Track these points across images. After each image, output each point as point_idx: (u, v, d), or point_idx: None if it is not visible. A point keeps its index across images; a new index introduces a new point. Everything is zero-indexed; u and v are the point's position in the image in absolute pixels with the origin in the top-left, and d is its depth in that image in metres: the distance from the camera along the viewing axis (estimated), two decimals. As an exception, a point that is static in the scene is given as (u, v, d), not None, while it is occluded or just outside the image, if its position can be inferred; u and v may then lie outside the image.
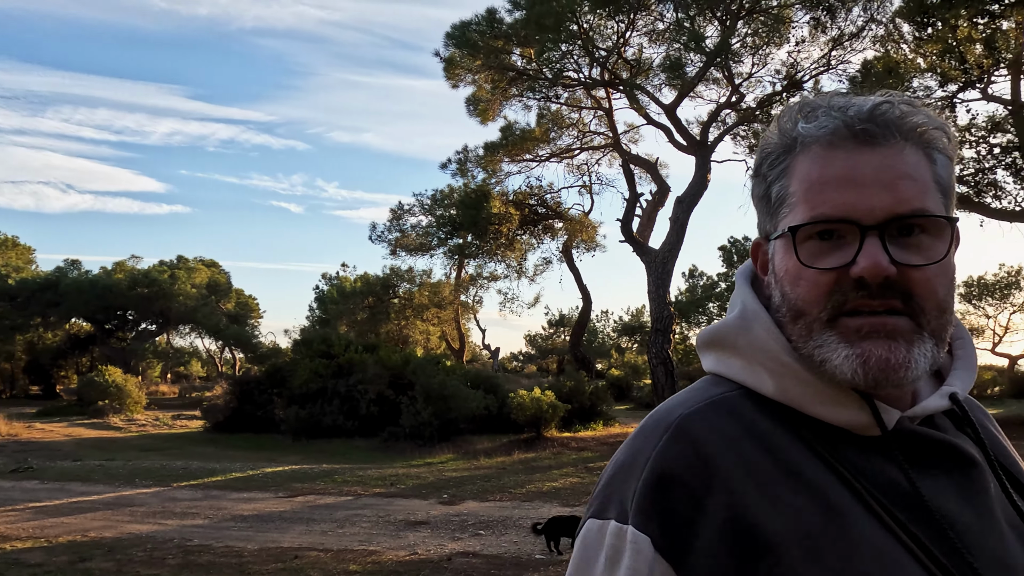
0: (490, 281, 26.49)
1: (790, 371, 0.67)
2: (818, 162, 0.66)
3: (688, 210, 15.92)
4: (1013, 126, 18.13)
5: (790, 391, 0.67)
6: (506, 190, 21.19)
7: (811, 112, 0.68)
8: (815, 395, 0.67)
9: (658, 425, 0.69)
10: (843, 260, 0.64)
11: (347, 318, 29.49)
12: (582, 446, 14.71)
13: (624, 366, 35.79)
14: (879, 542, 0.60)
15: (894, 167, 0.64)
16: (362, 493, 9.86)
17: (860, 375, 0.63)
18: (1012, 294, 28.36)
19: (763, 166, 0.72)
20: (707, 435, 0.65)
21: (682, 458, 0.65)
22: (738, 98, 16.51)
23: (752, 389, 0.70)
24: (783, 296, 0.69)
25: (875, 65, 15.64)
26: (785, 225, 0.67)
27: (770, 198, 0.71)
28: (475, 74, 17.78)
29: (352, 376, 17.31)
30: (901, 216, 0.63)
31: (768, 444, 0.65)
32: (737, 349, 0.72)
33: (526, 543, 6.81)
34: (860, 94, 0.70)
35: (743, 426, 0.66)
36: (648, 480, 0.65)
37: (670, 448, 0.65)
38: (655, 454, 0.66)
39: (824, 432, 0.66)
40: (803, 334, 0.67)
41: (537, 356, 48.97)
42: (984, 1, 17.00)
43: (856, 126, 0.65)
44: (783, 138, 0.70)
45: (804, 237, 0.66)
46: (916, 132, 0.66)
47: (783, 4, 15.21)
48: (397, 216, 24.25)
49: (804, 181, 0.66)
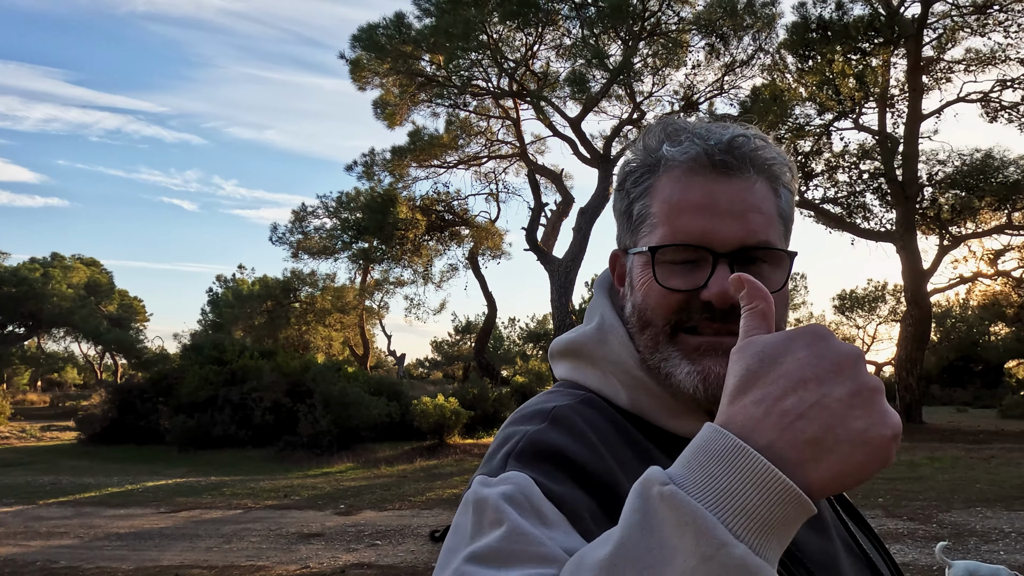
0: (396, 286, 26.15)
1: (642, 384, 0.71)
2: (679, 186, 0.70)
3: (591, 221, 16.41)
4: (880, 155, 19.95)
5: (641, 403, 0.71)
6: (413, 195, 21.05)
7: (675, 135, 0.71)
8: (663, 408, 0.71)
9: (534, 415, 0.69)
10: (695, 283, 0.68)
11: (243, 323, 28.18)
12: (484, 452, 14.77)
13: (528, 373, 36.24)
14: None
15: (746, 199, 0.69)
16: (253, 506, 9.45)
17: (701, 391, 0.67)
18: (878, 307, 31.10)
19: (626, 182, 0.75)
20: (583, 425, 0.67)
21: (562, 438, 0.64)
22: (639, 115, 17.23)
23: (606, 398, 0.72)
24: (634, 306, 0.73)
25: (763, 92, 16.76)
26: (646, 244, 0.71)
27: (631, 214, 0.74)
28: (383, 78, 17.58)
29: (246, 383, 16.56)
30: (749, 247, 0.68)
31: (636, 445, 0.68)
32: (593, 360, 0.74)
33: (424, 552, 6.77)
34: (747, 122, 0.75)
35: (612, 424, 0.69)
36: (523, 449, 0.63)
37: (549, 431, 0.65)
38: (532, 431, 0.65)
39: (673, 442, 0.69)
40: (649, 345, 0.71)
41: (443, 362, 48.72)
42: (856, 40, 18.63)
43: (716, 156, 0.69)
44: (648, 157, 0.73)
45: (661, 257, 0.70)
46: (766, 166, 0.71)
47: (681, 29, 16.04)
48: (300, 218, 23.50)
49: (665, 203, 0.70)
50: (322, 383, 15.95)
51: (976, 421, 20.48)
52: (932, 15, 19.10)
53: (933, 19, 19.21)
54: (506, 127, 19.75)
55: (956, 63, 19.95)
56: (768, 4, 15.61)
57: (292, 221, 23.48)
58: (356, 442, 15.72)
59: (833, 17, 18.53)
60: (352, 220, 21.48)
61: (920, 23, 18.81)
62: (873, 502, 8.44)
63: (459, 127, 19.49)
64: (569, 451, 0.62)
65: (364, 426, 15.81)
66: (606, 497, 0.61)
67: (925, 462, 11.92)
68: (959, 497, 8.85)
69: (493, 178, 21.52)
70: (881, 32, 18.44)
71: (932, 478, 10.33)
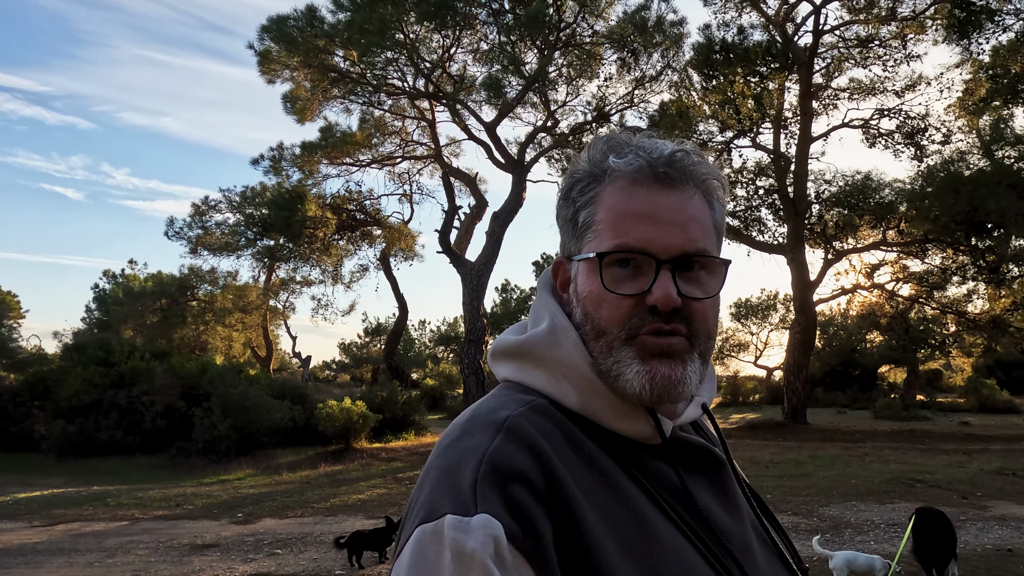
0: (303, 286, 25.33)
1: (593, 387, 0.74)
2: (623, 196, 0.74)
3: (504, 225, 16.54)
4: (774, 172, 21.27)
5: (592, 405, 0.74)
6: (323, 193, 20.49)
7: (620, 148, 0.76)
8: (612, 409, 0.74)
9: (487, 425, 0.69)
10: (640, 288, 0.72)
11: (134, 321, 26.40)
12: (392, 456, 14.55)
13: (439, 376, 36.09)
14: (670, 539, 0.69)
15: (686, 210, 0.74)
16: (141, 517, 8.87)
17: (647, 390, 0.71)
18: (770, 314, 33.16)
19: (573, 191, 0.78)
20: (537, 436, 0.68)
21: (520, 455, 0.65)
22: (553, 123, 17.55)
23: (554, 400, 0.74)
24: (586, 316, 0.75)
25: (670, 107, 17.50)
26: (591, 250, 0.75)
27: (577, 222, 0.77)
28: (293, 71, 17.01)
29: (136, 386, 15.52)
30: (689, 254, 0.73)
31: (582, 450, 0.70)
32: (543, 362, 0.76)
33: (327, 559, 6.59)
34: (660, 137, 0.79)
35: (561, 431, 0.71)
36: (487, 473, 0.63)
37: (506, 446, 0.66)
38: (491, 450, 0.65)
39: (618, 441, 0.74)
40: (604, 351, 0.74)
41: (351, 365, 47.59)
42: (755, 64, 19.80)
43: (658, 168, 0.74)
44: (593, 168, 0.77)
45: (608, 263, 0.73)
46: (703, 180, 0.76)
47: (595, 42, 16.48)
48: (200, 211, 22.34)
49: (610, 211, 0.74)
50: (220, 386, 15.19)
51: (854, 422, 22.20)
52: (822, 45, 20.62)
53: (823, 49, 20.74)
54: (421, 128, 19.60)
55: (842, 91, 21.62)
56: (676, 24, 16.34)
57: (192, 215, 22.31)
58: (256, 448, 15.08)
59: (735, 41, 19.64)
60: (257, 216, 20.62)
61: (812, 52, 20.27)
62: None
63: (373, 126, 19.15)
64: (530, 474, 0.64)
65: (265, 431, 15.20)
66: (561, 519, 0.64)
67: (808, 460, 12.80)
68: (837, 492, 9.57)
69: (407, 179, 21.30)
70: (777, 58, 19.71)
71: (814, 475, 11.10)
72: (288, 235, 19.45)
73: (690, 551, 0.69)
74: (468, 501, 0.61)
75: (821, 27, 20.26)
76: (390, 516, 6.54)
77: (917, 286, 23.16)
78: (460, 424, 0.73)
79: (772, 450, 14.20)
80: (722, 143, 21.37)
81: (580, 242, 0.77)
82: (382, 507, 9.06)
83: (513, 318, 31.20)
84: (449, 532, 0.60)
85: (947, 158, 19.58)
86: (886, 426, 20.70)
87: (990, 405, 27.00)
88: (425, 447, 16.00)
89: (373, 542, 6.41)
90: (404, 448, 15.81)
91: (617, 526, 0.66)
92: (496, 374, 0.82)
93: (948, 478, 10.57)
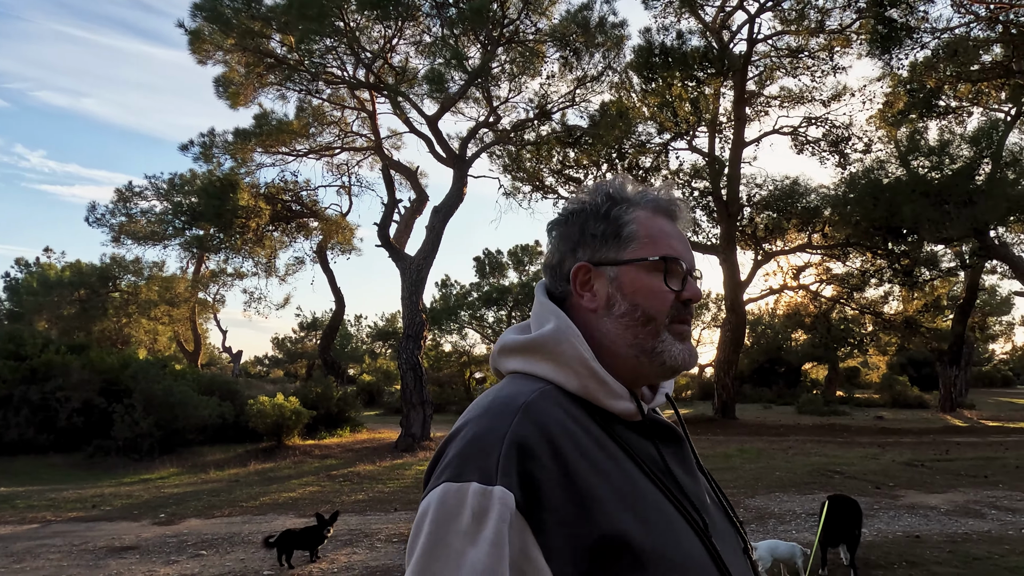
0: (234, 278, 24.45)
1: (592, 374, 0.92)
2: (654, 220, 1.00)
3: (444, 220, 16.41)
4: (708, 175, 21.89)
5: (589, 388, 0.92)
6: (257, 182, 19.78)
7: (637, 188, 1.03)
8: (606, 392, 0.92)
9: (506, 408, 0.87)
10: (677, 287, 0.98)
11: (49, 313, 24.92)
12: (326, 453, 14.25)
13: (376, 371, 35.55)
14: (651, 493, 0.87)
15: (685, 237, 1.04)
16: (53, 519, 8.37)
17: (687, 362, 0.97)
18: (702, 313, 34.14)
19: (612, 211, 1.00)
20: (546, 417, 0.86)
21: (533, 434, 0.83)
22: (495, 119, 17.51)
23: (558, 385, 0.92)
24: (635, 306, 0.96)
25: (610, 108, 17.74)
26: (640, 255, 0.97)
27: (620, 235, 0.99)
28: (227, 54, 16.35)
29: (50, 381, 14.63)
30: (694, 267, 1.03)
31: (582, 425, 0.88)
32: (551, 355, 0.93)
33: (255, 560, 6.39)
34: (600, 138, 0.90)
35: (564, 411, 0.89)
36: (508, 451, 0.81)
37: (523, 426, 0.83)
38: (511, 430, 0.83)
39: (609, 418, 0.93)
40: (652, 334, 0.96)
41: (285, 360, 46.34)
42: (692, 68, 20.32)
43: (668, 206, 1.03)
44: (629, 196, 1.02)
45: (655, 267, 0.97)
46: (685, 218, 1.06)
47: (538, 39, 16.53)
48: (124, 198, 21.23)
49: (649, 230, 0.99)
50: (143, 381, 14.50)
51: (779, 417, 23.16)
52: (756, 54, 21.35)
53: (756, 57, 21.48)
54: (361, 119, 19.18)
55: (773, 98, 22.46)
56: (618, 26, 16.55)
57: (115, 201, 21.17)
58: (182, 446, 14.49)
59: (674, 45, 20.10)
60: (186, 205, 19.76)
61: (746, 60, 20.95)
62: (692, 491, 9.22)
63: (311, 115, 18.62)
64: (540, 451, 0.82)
65: (192, 428, 14.61)
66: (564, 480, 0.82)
67: (736, 453, 13.27)
68: (762, 484, 9.95)
69: (346, 170, 20.82)
70: (714, 63, 20.29)
71: (741, 468, 11.52)
72: (219, 225, 18.71)
73: (666, 503, 0.88)
74: (491, 474, 0.80)
75: (755, 36, 20.99)
76: (321, 514, 6.39)
77: (839, 287, 24.34)
78: (484, 405, 0.90)
79: (703, 444, 14.64)
80: (660, 145, 21.85)
81: (623, 250, 0.98)
82: (314, 505, 8.85)
83: (452, 314, 31.01)
84: (473, 496, 0.79)
85: (868, 166, 20.63)
86: (808, 421, 21.69)
87: (902, 401, 28.67)
88: (361, 443, 15.74)
89: (304, 541, 6.25)
90: (339, 445, 15.51)
91: (612, 481, 0.85)
92: (503, 368, 0.99)
93: (863, 469, 11.16)
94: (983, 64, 19.16)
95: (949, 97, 20.35)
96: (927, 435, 17.39)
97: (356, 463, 12.86)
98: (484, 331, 33.16)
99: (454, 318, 31.01)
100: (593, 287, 0.98)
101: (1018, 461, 12.09)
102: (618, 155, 20.95)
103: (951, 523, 7.50)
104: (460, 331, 31.28)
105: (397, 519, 8.16)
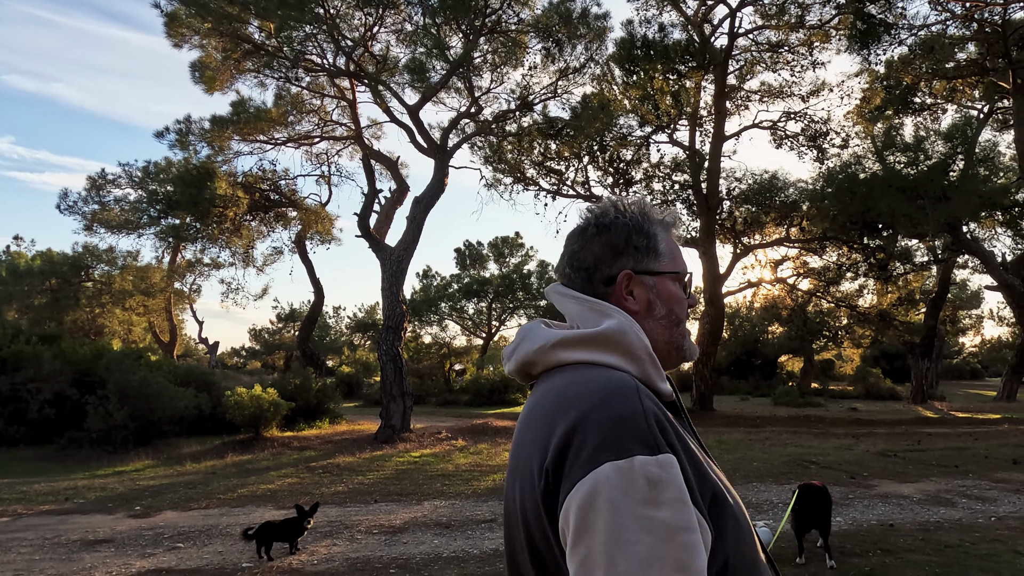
0: (211, 268, 24.08)
1: (651, 361, 1.06)
2: (672, 239, 1.19)
3: (425, 211, 16.31)
4: (688, 168, 21.99)
5: (647, 373, 1.04)
6: (235, 170, 19.50)
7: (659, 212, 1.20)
8: (658, 376, 1.06)
9: (625, 391, 0.96)
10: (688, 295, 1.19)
11: (19, 302, 24.38)
12: (305, 445, 14.15)
13: (355, 363, 35.33)
14: (704, 462, 0.99)
15: None
16: (24, 512, 8.21)
17: (695, 354, 1.18)
18: (682, 306, 34.45)
19: (651, 228, 1.16)
20: (650, 398, 0.98)
21: (656, 410, 0.95)
22: (477, 110, 17.41)
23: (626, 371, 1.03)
24: (671, 311, 1.14)
25: (592, 100, 17.73)
26: (669, 269, 1.16)
27: (657, 249, 1.15)
28: (204, 38, 16.04)
29: (20, 372, 14.32)
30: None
31: (659, 405, 0.99)
32: (617, 346, 1.04)
33: (233, 552, 6.31)
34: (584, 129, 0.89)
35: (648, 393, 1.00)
36: (652, 425, 0.92)
37: (648, 404, 0.95)
38: (645, 408, 0.94)
39: (659, 397, 1.04)
40: (683, 333, 1.16)
41: (263, 351, 45.91)
42: (673, 61, 20.36)
43: (676, 226, 1.22)
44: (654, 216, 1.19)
45: (678, 279, 1.17)
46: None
47: (520, 30, 16.44)
48: (97, 186, 20.78)
49: (671, 246, 1.18)
50: (118, 372, 14.25)
51: (756, 408, 23.46)
52: (736, 48, 21.47)
53: (737, 51, 21.60)
54: (341, 108, 18.96)
55: (753, 93, 22.61)
56: (600, 17, 16.51)
57: (88, 189, 20.71)
58: (157, 438, 14.28)
59: (656, 38, 20.13)
60: (162, 193, 19.40)
61: (727, 54, 21.06)
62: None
63: (290, 103, 18.37)
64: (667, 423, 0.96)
65: (167, 420, 14.41)
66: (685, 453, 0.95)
67: (714, 444, 13.41)
68: (740, 474, 10.08)
69: (325, 160, 20.59)
70: (695, 57, 20.36)
71: (719, 458, 11.65)
72: (195, 214, 18.41)
73: (710, 469, 0.99)
74: (653, 445, 0.90)
75: (736, 30, 21.09)
76: (301, 505, 6.33)
77: (815, 281, 24.65)
78: (600, 390, 0.97)
79: (681, 435, 14.76)
80: (641, 138, 21.91)
81: (658, 262, 1.15)
82: (293, 496, 8.78)
83: (433, 305, 30.90)
84: (643, 467, 0.87)
85: (845, 161, 20.89)
86: (784, 412, 22.00)
87: (875, 392, 29.21)
88: (340, 435, 15.64)
89: (283, 533, 6.20)
90: (318, 436, 15.40)
91: (688, 451, 0.96)
92: (558, 359, 1.07)
93: (838, 460, 11.35)
94: (958, 62, 19.47)
95: (925, 94, 20.67)
96: (899, 426, 17.74)
97: (336, 455, 12.78)
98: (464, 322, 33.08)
99: (434, 309, 30.89)
100: (634, 292, 1.13)
101: (987, 451, 12.37)
102: (599, 147, 20.97)
103: (923, 512, 7.66)
104: (440, 322, 31.18)
105: (377, 511, 8.12)
